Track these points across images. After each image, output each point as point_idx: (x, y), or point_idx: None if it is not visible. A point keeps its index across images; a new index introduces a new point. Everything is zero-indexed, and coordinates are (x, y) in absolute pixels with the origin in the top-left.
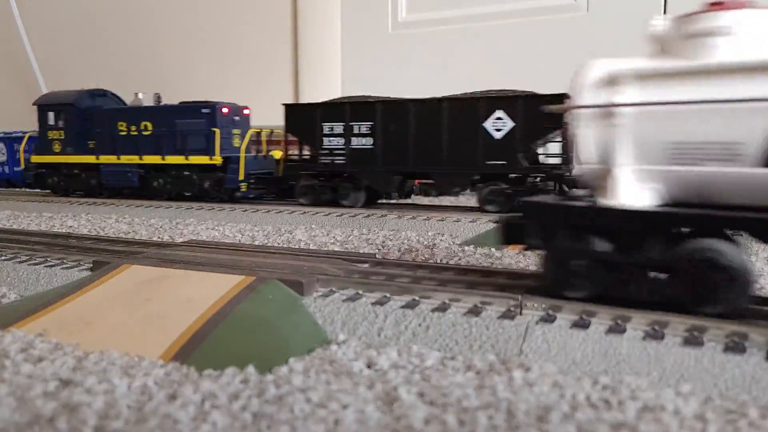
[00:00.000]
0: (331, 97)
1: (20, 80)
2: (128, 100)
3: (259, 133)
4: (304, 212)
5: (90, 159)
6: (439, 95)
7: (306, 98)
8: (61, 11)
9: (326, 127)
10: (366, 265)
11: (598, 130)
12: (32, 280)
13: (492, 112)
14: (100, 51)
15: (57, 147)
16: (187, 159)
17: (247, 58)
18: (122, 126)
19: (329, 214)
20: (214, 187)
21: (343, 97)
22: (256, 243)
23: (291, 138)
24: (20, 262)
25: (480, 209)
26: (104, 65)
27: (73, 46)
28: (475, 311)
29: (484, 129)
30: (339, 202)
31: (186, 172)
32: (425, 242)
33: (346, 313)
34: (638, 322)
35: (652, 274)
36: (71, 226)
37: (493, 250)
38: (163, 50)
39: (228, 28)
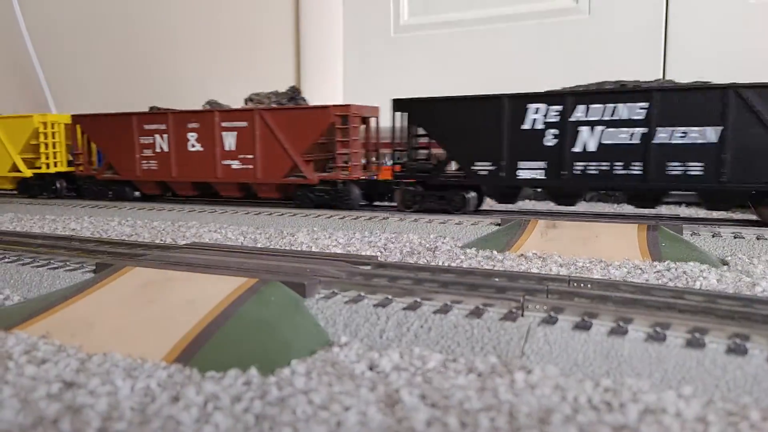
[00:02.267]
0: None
1: (25, 87)
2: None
3: None
4: (306, 215)
5: None
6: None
7: (309, 101)
8: (65, 16)
9: None
10: (368, 267)
11: None
12: (36, 282)
13: None
14: (103, 53)
15: None
16: None
17: (249, 62)
18: None
19: (331, 216)
20: None
21: None
22: (259, 245)
23: None
24: (24, 265)
25: None
26: (107, 67)
27: (76, 49)
28: (476, 313)
29: None
30: None
31: None
32: (427, 245)
33: (348, 315)
34: (640, 323)
35: None
36: (74, 229)
37: (494, 252)
38: (167, 53)
39: (231, 32)
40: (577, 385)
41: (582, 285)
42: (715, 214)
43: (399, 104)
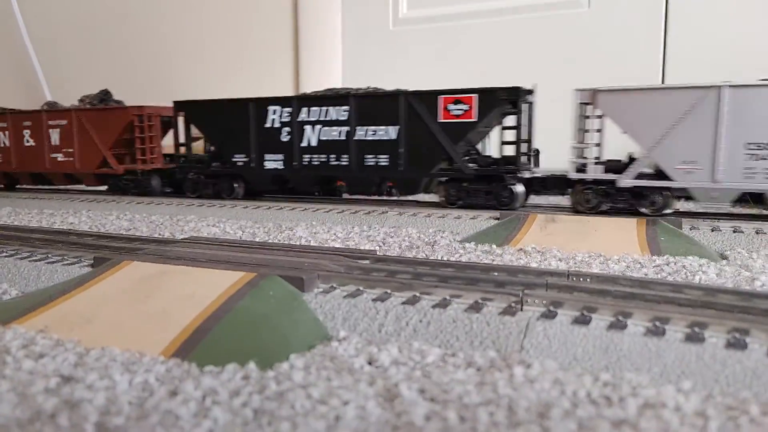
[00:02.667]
0: None
1: (24, 82)
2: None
3: None
4: (305, 209)
5: None
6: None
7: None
8: (63, 12)
9: None
10: (367, 262)
11: None
12: (33, 276)
13: None
14: (102, 50)
15: None
16: None
17: (248, 55)
18: None
19: (330, 210)
20: None
21: None
22: (257, 240)
23: None
24: (21, 259)
25: None
26: (106, 64)
27: (74, 46)
28: (475, 307)
29: None
30: None
31: None
32: (426, 239)
33: (347, 309)
34: (639, 317)
35: None
36: (72, 223)
37: (493, 246)
38: (163, 45)
39: (229, 24)
40: (576, 379)
41: (581, 279)
42: (714, 209)
43: (178, 105)
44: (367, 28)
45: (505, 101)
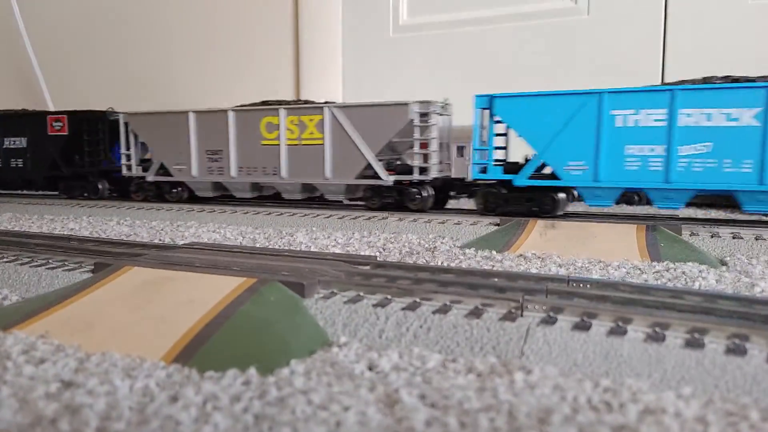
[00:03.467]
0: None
1: (25, 88)
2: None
3: None
4: (305, 215)
5: None
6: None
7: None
8: (64, 14)
9: None
10: (367, 268)
11: None
12: (34, 282)
13: None
14: (101, 51)
15: None
16: None
17: (248, 63)
18: None
19: (330, 216)
20: None
21: None
22: (258, 245)
23: None
24: (22, 264)
25: None
26: (104, 64)
27: (76, 51)
28: (476, 313)
29: None
30: None
31: None
32: (426, 245)
33: (348, 314)
34: (639, 323)
35: None
36: (72, 229)
37: (493, 252)
38: (165, 53)
39: (230, 32)
40: (577, 385)
41: (581, 285)
42: (713, 214)
43: None
44: (367, 35)
45: (88, 121)
